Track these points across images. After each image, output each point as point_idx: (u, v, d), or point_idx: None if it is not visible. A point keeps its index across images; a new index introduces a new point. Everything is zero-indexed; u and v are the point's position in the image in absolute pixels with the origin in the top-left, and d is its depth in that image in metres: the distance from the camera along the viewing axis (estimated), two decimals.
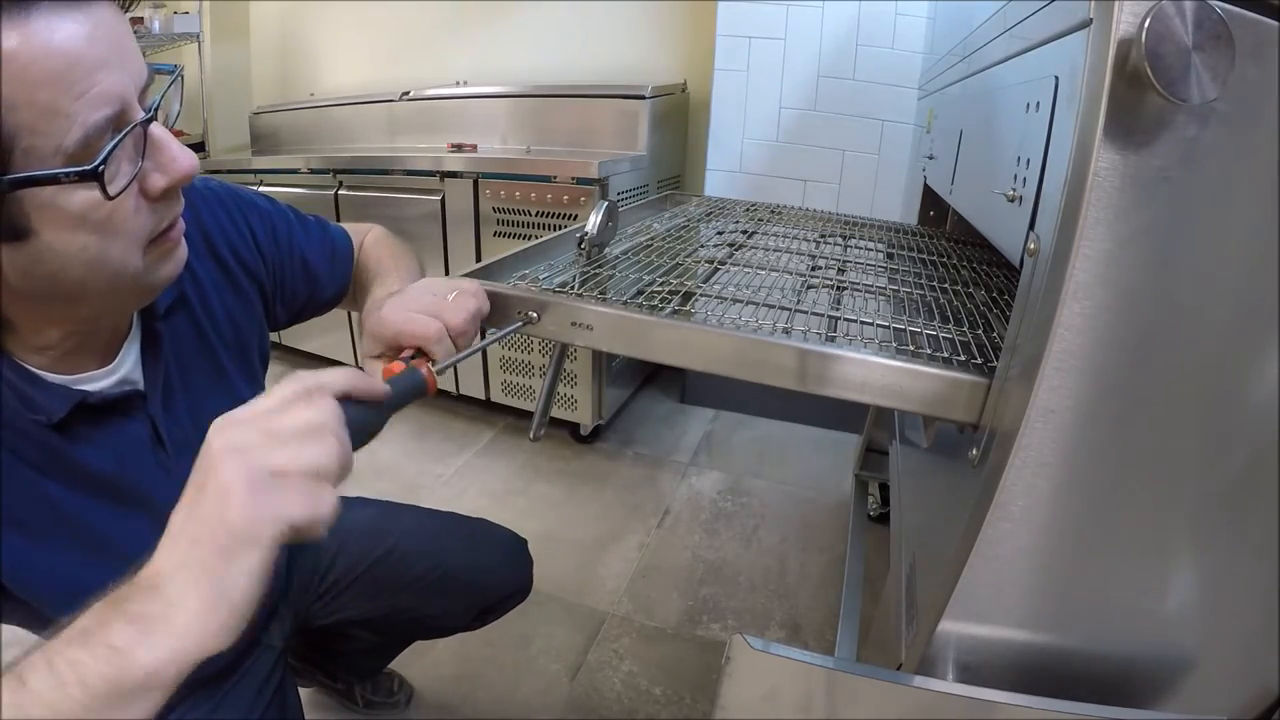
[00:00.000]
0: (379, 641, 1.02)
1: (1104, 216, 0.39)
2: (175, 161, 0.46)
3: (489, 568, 0.94)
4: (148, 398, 0.56)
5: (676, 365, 0.59)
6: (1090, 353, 0.41)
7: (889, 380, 0.52)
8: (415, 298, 0.56)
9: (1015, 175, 0.54)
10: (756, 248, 0.95)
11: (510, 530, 0.99)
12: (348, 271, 0.78)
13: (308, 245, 0.73)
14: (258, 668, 0.76)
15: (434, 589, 0.89)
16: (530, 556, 0.99)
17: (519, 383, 2.03)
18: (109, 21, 0.41)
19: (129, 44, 0.43)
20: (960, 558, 0.48)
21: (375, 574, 0.87)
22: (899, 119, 1.85)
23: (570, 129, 2.14)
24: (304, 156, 2.25)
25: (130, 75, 0.42)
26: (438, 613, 0.92)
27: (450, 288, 0.58)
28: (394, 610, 0.90)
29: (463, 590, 0.91)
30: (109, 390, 0.54)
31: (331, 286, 0.76)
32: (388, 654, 1.08)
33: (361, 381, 0.40)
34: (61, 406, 0.49)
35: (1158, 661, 0.50)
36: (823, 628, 1.37)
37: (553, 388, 0.82)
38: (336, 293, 0.77)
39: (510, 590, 0.96)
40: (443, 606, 0.91)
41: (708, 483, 1.86)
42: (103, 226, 0.43)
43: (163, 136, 0.45)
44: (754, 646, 0.49)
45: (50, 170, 0.39)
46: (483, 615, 0.96)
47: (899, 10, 1.78)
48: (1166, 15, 0.34)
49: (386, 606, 0.89)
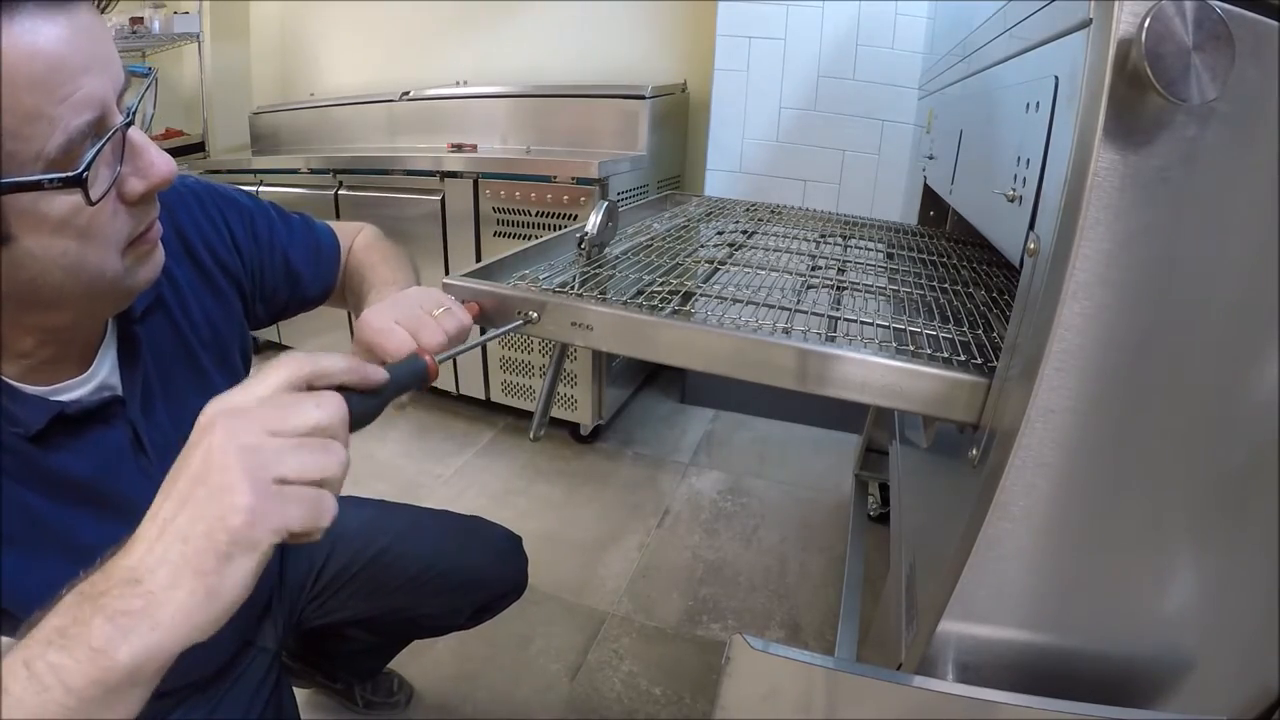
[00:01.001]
0: (376, 642, 1.02)
1: (1104, 216, 0.39)
2: (154, 166, 0.45)
3: (483, 566, 0.94)
4: (127, 403, 0.55)
5: (676, 365, 0.59)
6: (1090, 353, 0.41)
7: (889, 380, 0.52)
8: (401, 307, 0.55)
9: (1015, 175, 0.54)
10: (756, 248, 0.95)
11: (505, 528, 0.99)
12: (334, 270, 0.77)
13: (290, 243, 0.72)
14: (252, 671, 0.75)
15: (428, 589, 0.88)
16: (525, 554, 0.99)
17: (519, 383, 2.03)
18: (89, 25, 0.40)
19: (108, 47, 0.42)
20: (960, 558, 0.48)
21: (369, 574, 0.87)
22: (899, 119, 1.85)
23: (570, 129, 2.14)
24: (304, 156, 2.25)
25: (110, 79, 0.42)
26: (433, 612, 0.92)
27: (439, 303, 0.57)
28: (389, 610, 0.90)
29: (457, 589, 0.91)
30: (87, 398, 0.52)
31: (316, 285, 0.75)
32: (385, 654, 1.08)
33: (361, 369, 0.40)
34: (40, 418, 0.48)
35: (1158, 661, 0.50)
36: (823, 628, 1.37)
37: (553, 387, 0.82)
38: (321, 291, 0.76)
39: (505, 589, 0.96)
40: (438, 606, 0.91)
41: (708, 483, 1.86)
42: (82, 231, 0.42)
43: (141, 141, 0.45)
44: (754, 646, 0.49)
45: (34, 176, 0.38)
46: (478, 614, 0.96)
47: (899, 10, 1.78)
48: (1166, 15, 0.34)
49: (381, 607, 0.89)
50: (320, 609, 0.88)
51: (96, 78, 0.40)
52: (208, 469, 0.33)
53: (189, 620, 0.31)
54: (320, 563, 0.87)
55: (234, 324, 0.68)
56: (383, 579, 0.87)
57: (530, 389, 2.02)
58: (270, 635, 0.81)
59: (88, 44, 0.39)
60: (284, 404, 0.36)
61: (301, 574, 0.87)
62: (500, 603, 0.97)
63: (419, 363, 0.46)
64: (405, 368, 0.45)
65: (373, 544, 0.88)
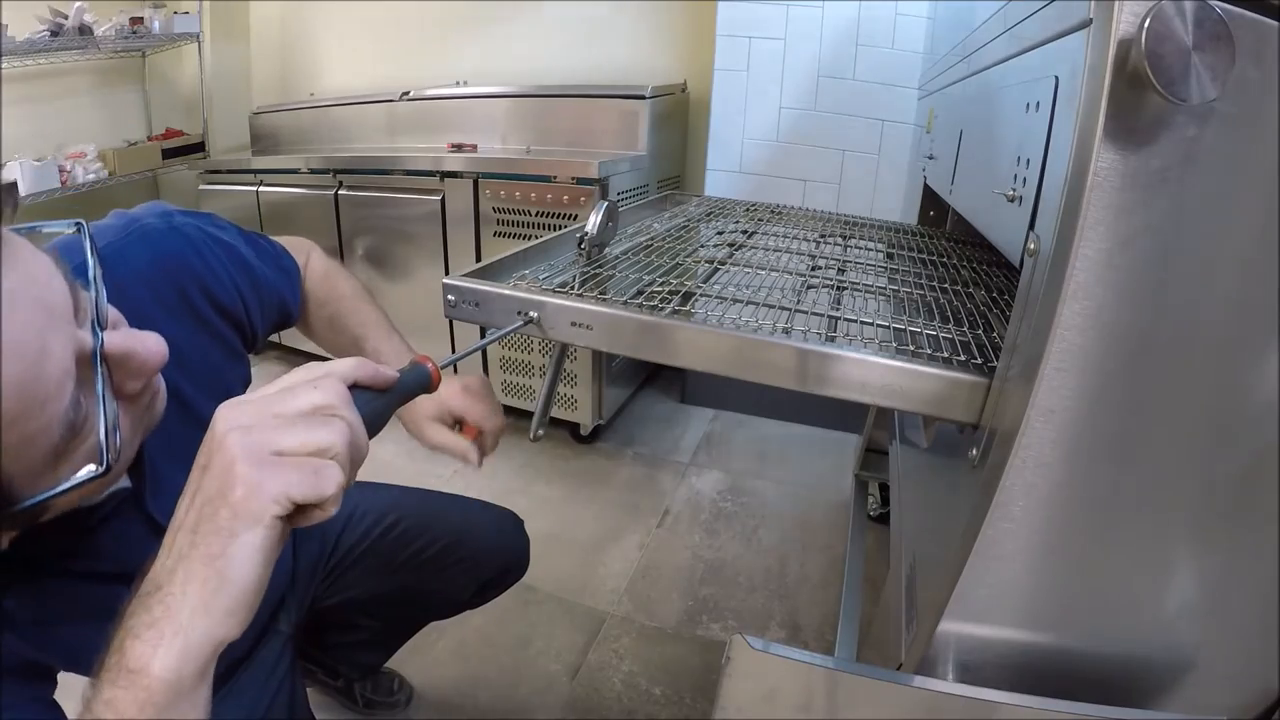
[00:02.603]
0: (381, 629, 1.03)
1: (1104, 216, 0.39)
2: (145, 362, 0.42)
3: (485, 539, 0.96)
4: (139, 496, 0.55)
5: (676, 365, 0.59)
6: (1090, 353, 0.41)
7: (889, 380, 0.52)
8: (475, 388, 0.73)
9: (1015, 175, 0.54)
10: (756, 248, 0.95)
11: (506, 508, 1.02)
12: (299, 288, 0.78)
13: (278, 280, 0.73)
14: (266, 653, 0.78)
15: (433, 563, 0.91)
16: (526, 534, 1.02)
17: (519, 383, 2.03)
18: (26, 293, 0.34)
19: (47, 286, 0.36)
20: (960, 558, 0.48)
21: (378, 549, 0.90)
22: (899, 119, 1.85)
23: (570, 129, 2.14)
24: (304, 156, 2.25)
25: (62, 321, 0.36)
26: (439, 588, 0.94)
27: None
28: (396, 588, 0.92)
29: (461, 563, 0.93)
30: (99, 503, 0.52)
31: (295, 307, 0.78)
32: (388, 646, 1.09)
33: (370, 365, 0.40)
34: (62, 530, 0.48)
35: (1158, 661, 0.50)
36: (823, 628, 1.37)
37: (553, 387, 0.83)
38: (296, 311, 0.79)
39: (508, 562, 0.99)
40: (444, 581, 0.93)
41: (708, 483, 1.86)
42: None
43: (120, 346, 0.40)
44: (754, 646, 0.49)
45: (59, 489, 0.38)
46: (483, 590, 0.98)
47: (899, 10, 1.78)
48: (1166, 15, 0.34)
49: (390, 584, 0.91)
50: (332, 587, 0.91)
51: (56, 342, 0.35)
52: (209, 456, 0.34)
53: (207, 611, 0.32)
54: (333, 542, 0.90)
55: (236, 361, 0.68)
56: (391, 553, 0.90)
57: (530, 389, 2.02)
58: (285, 619, 0.83)
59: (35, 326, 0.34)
60: (288, 392, 0.36)
61: (314, 556, 0.89)
62: (503, 578, 0.99)
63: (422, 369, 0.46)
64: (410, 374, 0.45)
65: (382, 520, 0.91)
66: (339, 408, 0.36)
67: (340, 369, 0.39)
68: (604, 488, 1.83)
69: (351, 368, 0.39)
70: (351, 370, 0.39)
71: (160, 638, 0.31)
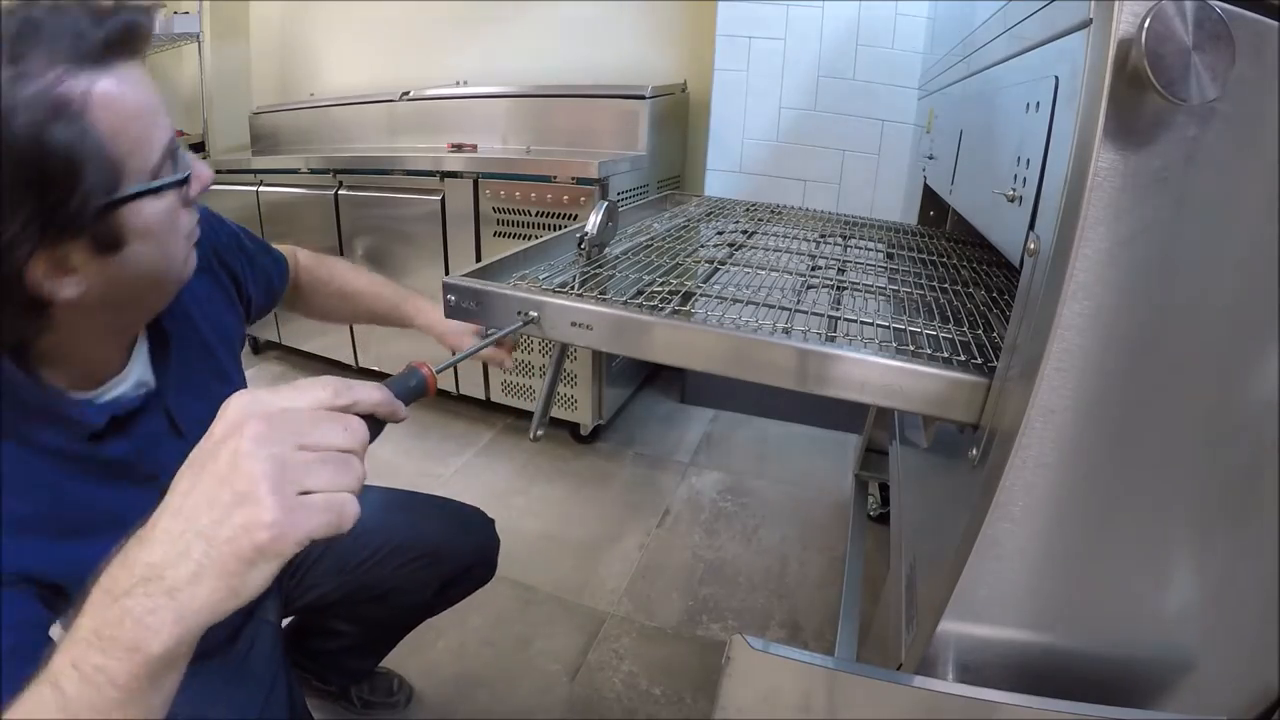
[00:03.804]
0: (359, 635, 1.03)
1: (1104, 216, 0.39)
2: (203, 172, 0.55)
3: (445, 536, 0.96)
4: (161, 393, 0.62)
5: (676, 365, 0.59)
6: (1090, 353, 0.41)
7: (889, 380, 0.52)
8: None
9: (1015, 175, 0.54)
10: (756, 248, 0.95)
11: (475, 507, 1.02)
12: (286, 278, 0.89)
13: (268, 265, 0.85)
14: (260, 643, 0.79)
15: (389, 563, 0.92)
16: (496, 536, 1.02)
17: (519, 383, 2.03)
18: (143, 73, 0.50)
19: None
20: (960, 558, 0.48)
21: (335, 549, 0.91)
22: (899, 119, 1.85)
23: (570, 129, 2.14)
24: (304, 156, 2.25)
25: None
26: (400, 586, 0.94)
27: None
28: (359, 587, 0.92)
29: (419, 561, 0.93)
30: (129, 395, 0.59)
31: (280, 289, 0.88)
32: (373, 650, 1.09)
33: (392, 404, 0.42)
34: (99, 420, 0.55)
35: (1158, 661, 0.50)
36: (823, 628, 1.37)
37: (553, 387, 0.83)
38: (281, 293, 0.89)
39: (469, 560, 0.98)
40: (402, 579, 0.93)
41: (708, 483, 1.86)
42: (171, 228, 0.51)
43: (187, 152, 0.54)
44: (754, 646, 0.49)
45: (157, 183, 0.48)
46: (446, 589, 0.98)
47: (899, 10, 1.78)
48: (1166, 15, 0.34)
49: (351, 583, 0.92)
50: (299, 586, 0.92)
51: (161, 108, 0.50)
52: (234, 473, 0.34)
53: (212, 611, 0.34)
54: None
55: (240, 327, 0.78)
56: (349, 553, 0.91)
57: (530, 389, 2.02)
58: (270, 608, 0.85)
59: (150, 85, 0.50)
60: (317, 420, 0.37)
61: None
62: (466, 577, 0.99)
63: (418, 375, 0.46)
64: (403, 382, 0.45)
65: None
66: (359, 450, 0.38)
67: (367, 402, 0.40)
68: (604, 488, 1.83)
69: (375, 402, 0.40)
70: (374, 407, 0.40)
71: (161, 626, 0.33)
